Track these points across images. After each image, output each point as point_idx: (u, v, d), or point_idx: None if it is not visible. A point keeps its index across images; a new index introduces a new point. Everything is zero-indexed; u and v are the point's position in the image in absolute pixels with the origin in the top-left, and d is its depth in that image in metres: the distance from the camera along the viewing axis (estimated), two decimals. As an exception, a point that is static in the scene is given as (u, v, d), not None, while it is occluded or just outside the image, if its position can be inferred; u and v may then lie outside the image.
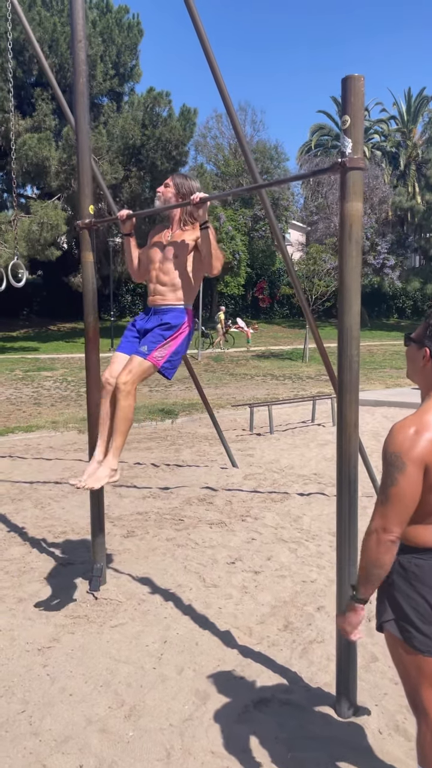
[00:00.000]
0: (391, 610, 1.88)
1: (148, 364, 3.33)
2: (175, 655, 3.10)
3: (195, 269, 3.45)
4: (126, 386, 3.27)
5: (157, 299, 3.47)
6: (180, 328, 3.41)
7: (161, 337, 3.36)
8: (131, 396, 3.29)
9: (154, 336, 3.37)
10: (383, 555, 1.79)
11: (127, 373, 3.30)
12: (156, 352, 3.34)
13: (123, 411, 3.28)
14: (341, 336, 2.47)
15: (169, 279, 3.42)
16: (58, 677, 2.91)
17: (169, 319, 3.40)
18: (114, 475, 3.31)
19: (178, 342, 3.41)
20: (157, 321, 3.42)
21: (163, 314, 3.43)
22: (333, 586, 3.89)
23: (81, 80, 3.57)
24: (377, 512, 1.79)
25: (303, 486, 6.32)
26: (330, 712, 2.63)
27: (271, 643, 3.23)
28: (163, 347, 3.35)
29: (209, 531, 4.96)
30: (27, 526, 5.11)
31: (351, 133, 2.37)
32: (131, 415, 3.33)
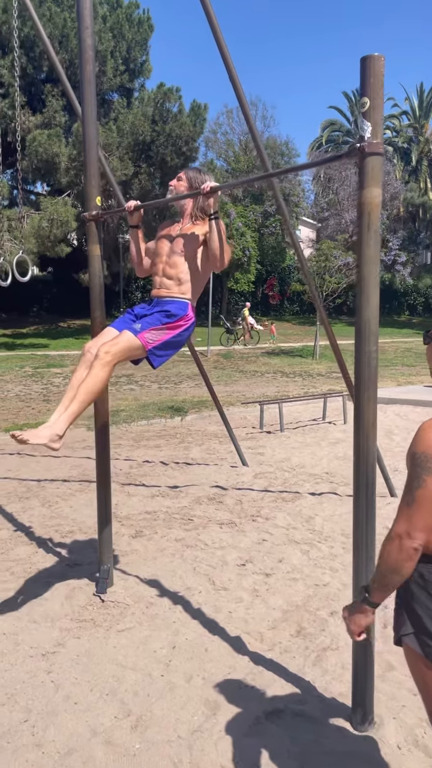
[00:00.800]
0: (411, 623, 1.76)
1: (138, 342, 3.11)
2: (184, 662, 2.99)
3: (203, 264, 3.33)
4: (107, 356, 3.00)
5: (162, 291, 3.35)
6: (180, 318, 3.26)
7: (159, 321, 3.20)
8: (107, 368, 3.01)
9: (152, 318, 3.21)
10: (404, 562, 1.67)
11: (112, 344, 3.05)
12: (149, 333, 3.14)
13: (92, 380, 2.96)
14: (359, 331, 2.35)
15: (176, 272, 3.30)
16: (63, 684, 2.81)
17: (171, 308, 3.26)
18: (56, 441, 2.90)
19: (174, 332, 3.24)
20: (158, 309, 3.29)
21: (165, 304, 3.30)
22: (347, 590, 3.78)
23: (88, 67, 3.46)
24: (402, 516, 1.66)
25: (314, 485, 6.19)
26: (345, 725, 2.51)
27: (284, 649, 3.11)
28: (158, 331, 3.18)
29: (219, 531, 4.85)
30: (34, 525, 5.03)
31: (370, 116, 2.25)
32: (99, 388, 3.02)
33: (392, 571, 1.69)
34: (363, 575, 2.44)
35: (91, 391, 2.99)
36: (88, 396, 2.99)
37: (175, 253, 3.31)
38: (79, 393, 2.99)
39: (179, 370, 16.25)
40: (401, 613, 1.78)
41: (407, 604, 1.75)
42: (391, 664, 2.94)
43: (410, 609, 1.75)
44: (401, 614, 1.78)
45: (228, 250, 3.25)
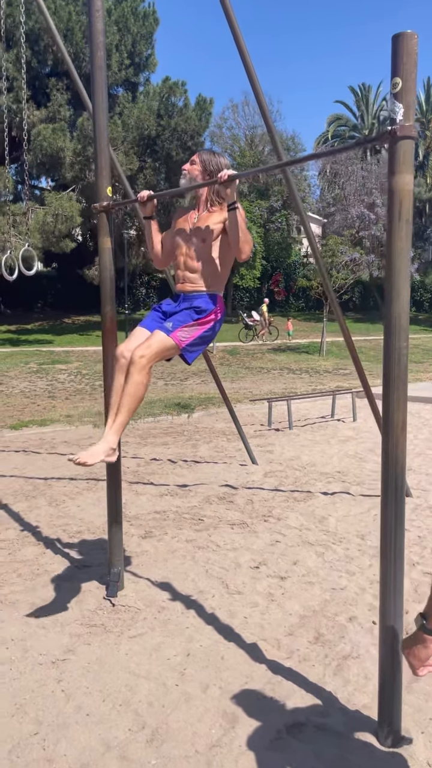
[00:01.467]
0: None
1: (171, 342, 3.04)
2: (199, 671, 2.88)
3: (224, 254, 3.20)
4: (142, 360, 2.96)
5: (187, 286, 3.22)
6: (210, 313, 3.16)
7: (189, 317, 3.11)
8: (145, 372, 2.97)
9: (182, 315, 3.11)
10: None
11: (146, 347, 2.99)
12: (180, 332, 3.06)
13: (133, 387, 2.95)
14: (389, 326, 2.22)
15: (198, 265, 3.17)
16: (74, 694, 2.69)
17: (200, 303, 3.15)
18: (112, 454, 2.96)
19: (206, 327, 3.15)
20: (186, 305, 3.17)
21: (193, 300, 3.18)
22: (365, 594, 3.66)
23: (99, 53, 3.33)
24: None
25: (326, 485, 6.07)
26: (371, 740, 2.39)
27: (302, 657, 2.99)
28: (189, 328, 3.08)
29: (231, 532, 4.74)
30: (41, 525, 4.92)
31: (402, 97, 2.11)
32: (142, 392, 3.00)
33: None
34: (391, 583, 2.32)
35: (134, 397, 2.99)
36: (133, 402, 2.99)
37: (195, 245, 3.19)
38: (123, 402, 2.99)
39: (185, 366, 16.12)
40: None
41: None
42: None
43: None
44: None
45: (249, 239, 3.10)
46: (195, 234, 3.18)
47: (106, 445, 2.95)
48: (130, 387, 2.96)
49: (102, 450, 2.92)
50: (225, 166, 3.18)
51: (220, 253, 3.19)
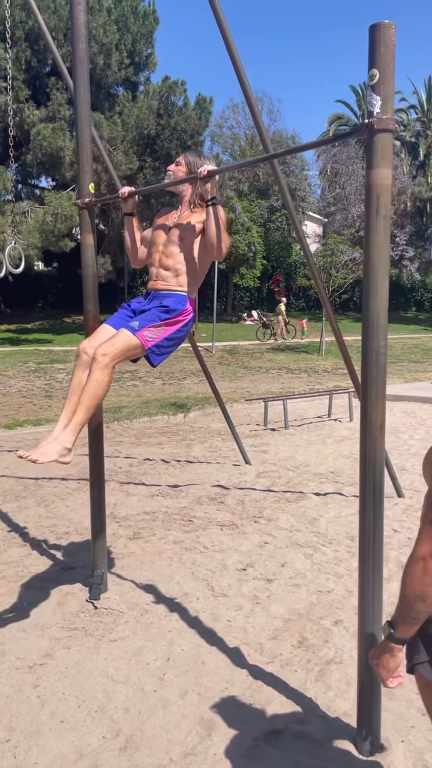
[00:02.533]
0: (426, 651, 1.58)
1: (136, 341, 2.94)
2: (179, 676, 2.82)
3: (201, 254, 3.14)
4: (105, 358, 2.85)
5: (159, 284, 3.16)
6: (179, 314, 3.08)
7: (157, 317, 3.02)
8: (107, 371, 2.86)
9: (150, 315, 3.03)
10: (430, 587, 1.47)
11: (110, 345, 2.89)
12: (147, 331, 2.97)
13: (94, 385, 2.82)
14: (366, 325, 2.16)
15: (173, 263, 3.11)
16: (49, 700, 2.64)
17: (169, 303, 3.08)
18: (66, 455, 2.81)
19: (174, 328, 3.06)
20: (156, 303, 3.11)
21: (162, 298, 3.12)
22: (351, 597, 3.60)
23: (80, 46, 3.27)
24: (426, 536, 1.47)
25: (319, 485, 6.01)
26: (350, 748, 2.33)
27: (285, 662, 2.94)
28: (156, 328, 2.99)
29: (220, 533, 4.68)
30: (29, 526, 4.87)
31: (380, 89, 2.06)
32: (102, 392, 2.87)
33: (417, 599, 1.49)
34: (370, 585, 2.27)
35: (94, 396, 2.86)
36: (93, 401, 2.86)
37: (172, 243, 3.12)
38: (82, 400, 2.86)
39: (183, 366, 16.08)
40: (416, 638, 1.60)
41: (422, 629, 1.57)
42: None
43: (425, 635, 1.57)
44: (416, 640, 1.60)
45: (226, 239, 3.05)
46: (173, 232, 3.12)
47: (60, 445, 2.81)
48: (91, 385, 2.84)
49: (55, 450, 2.78)
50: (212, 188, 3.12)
51: (197, 253, 3.12)
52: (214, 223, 2.92)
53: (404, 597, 1.52)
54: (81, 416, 2.84)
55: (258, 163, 3.19)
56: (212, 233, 2.95)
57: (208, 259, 3.17)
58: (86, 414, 2.85)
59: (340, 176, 31.76)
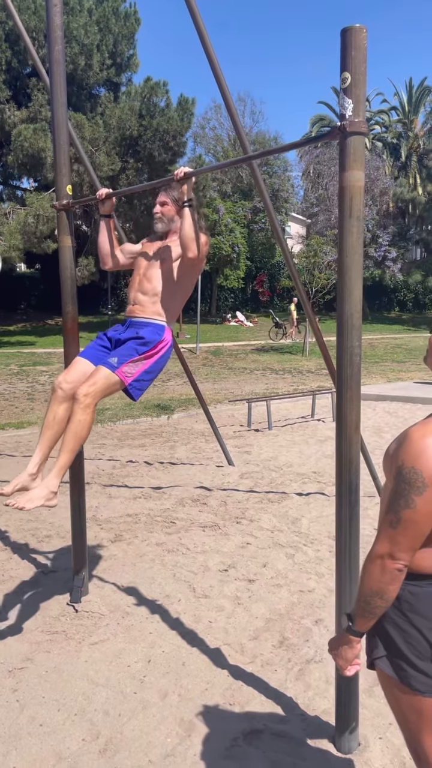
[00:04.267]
0: (383, 646, 1.60)
1: (116, 378, 2.93)
2: (159, 678, 2.82)
3: (181, 278, 3.10)
4: (86, 398, 2.83)
5: (136, 310, 3.11)
6: (156, 345, 3.04)
7: (135, 351, 2.99)
8: (90, 410, 2.85)
9: (127, 349, 3.00)
10: (387, 585, 1.50)
11: (90, 384, 2.87)
12: (126, 367, 2.95)
13: (78, 426, 2.80)
14: (341, 325, 2.18)
15: (152, 287, 3.06)
16: (28, 704, 2.63)
17: (146, 334, 3.03)
18: (52, 498, 2.80)
19: (152, 361, 3.04)
20: (132, 333, 3.05)
21: (139, 328, 3.07)
22: (332, 596, 3.62)
23: (56, 47, 3.27)
24: (384, 536, 1.49)
25: (301, 485, 6.04)
26: (329, 747, 2.35)
27: (265, 662, 2.95)
28: (134, 363, 2.97)
29: (202, 534, 4.68)
30: (9, 530, 4.84)
31: (351, 92, 2.07)
32: (86, 432, 2.87)
33: (375, 594, 1.52)
34: (346, 583, 2.28)
35: (79, 437, 2.84)
36: (77, 442, 2.84)
37: (153, 266, 3.08)
38: (66, 441, 2.83)
39: (167, 367, 16.00)
40: (373, 635, 1.62)
41: (379, 625, 1.59)
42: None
43: (382, 630, 1.59)
44: (373, 636, 1.62)
45: (204, 241, 3.02)
46: (155, 256, 3.09)
47: (46, 489, 2.79)
48: (75, 427, 2.81)
49: (41, 495, 2.77)
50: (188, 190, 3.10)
51: (178, 275, 3.07)
52: (188, 223, 2.90)
53: (362, 593, 1.55)
54: (65, 458, 2.83)
55: (239, 164, 3.20)
56: (185, 233, 2.90)
57: (189, 284, 3.14)
58: (70, 456, 2.84)
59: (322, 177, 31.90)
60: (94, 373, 2.92)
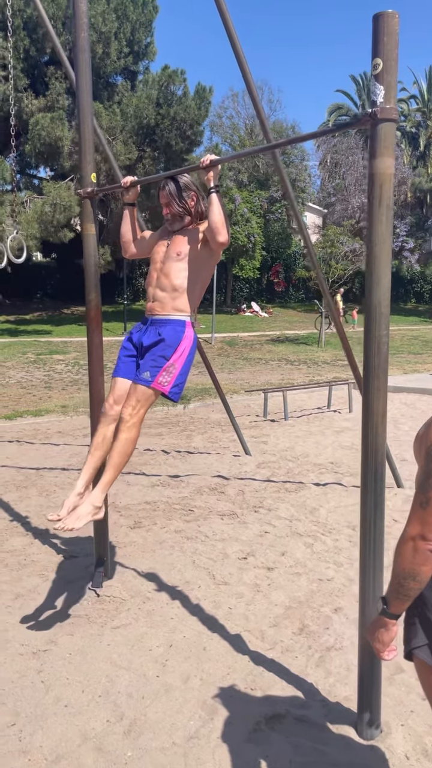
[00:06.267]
0: (424, 634, 1.60)
1: (154, 391, 2.98)
2: (181, 662, 2.86)
3: (200, 268, 3.07)
4: (132, 418, 2.92)
5: (155, 307, 3.09)
6: (181, 345, 3.04)
7: (163, 359, 3.00)
8: (136, 428, 2.94)
9: (155, 359, 3.00)
10: (420, 566, 1.51)
11: (134, 405, 2.94)
12: (160, 378, 2.98)
13: (123, 444, 2.90)
14: (368, 314, 2.18)
15: (170, 281, 3.04)
16: (53, 685, 2.68)
17: (168, 335, 3.02)
18: (98, 513, 2.90)
19: (183, 361, 3.05)
20: (154, 336, 3.05)
21: (160, 326, 3.06)
22: (352, 585, 3.64)
23: (82, 35, 3.27)
24: (416, 517, 1.50)
25: (319, 475, 6.04)
26: (350, 733, 2.37)
27: (285, 648, 2.97)
28: (167, 371, 2.99)
29: (220, 523, 4.71)
30: (30, 515, 4.89)
31: (383, 78, 2.06)
32: (131, 449, 2.96)
33: (408, 576, 1.53)
34: (371, 573, 2.29)
35: (124, 454, 2.95)
36: (123, 460, 2.95)
37: (170, 259, 3.05)
38: (112, 458, 2.93)
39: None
40: (413, 622, 1.62)
41: (420, 612, 1.60)
42: (399, 666, 2.79)
43: (424, 618, 1.60)
44: (413, 624, 1.62)
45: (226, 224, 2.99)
46: (172, 246, 3.06)
47: (91, 505, 2.88)
48: (121, 445, 2.91)
49: (87, 511, 2.86)
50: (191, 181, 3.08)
51: (196, 266, 3.05)
52: (217, 208, 2.87)
53: (396, 575, 1.56)
54: (111, 475, 2.93)
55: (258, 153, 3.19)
56: (216, 218, 2.86)
57: (207, 275, 3.13)
58: (116, 472, 2.94)
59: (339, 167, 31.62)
60: (132, 393, 2.99)
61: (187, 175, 3.07)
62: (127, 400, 2.99)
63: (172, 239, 3.08)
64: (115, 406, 3.11)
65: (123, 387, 3.12)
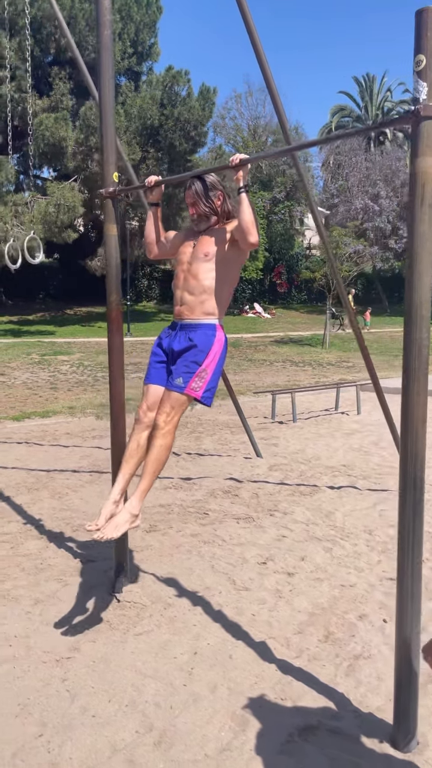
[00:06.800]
0: None
1: (188, 397, 2.95)
2: (207, 670, 2.80)
3: (229, 267, 3.02)
4: (167, 425, 2.91)
5: (184, 312, 3.04)
6: (212, 349, 3.00)
7: (195, 364, 2.96)
8: (171, 435, 2.94)
9: (187, 365, 2.96)
10: None
11: (168, 412, 2.92)
12: (193, 383, 2.94)
13: (158, 451, 2.91)
14: (409, 316, 2.13)
15: (198, 283, 2.98)
16: (79, 694, 2.62)
17: (199, 340, 2.98)
18: (135, 520, 2.92)
19: (214, 365, 3.00)
20: (185, 342, 3.00)
21: (190, 331, 3.01)
22: (374, 591, 3.59)
23: (105, 32, 3.22)
24: None
25: (332, 478, 5.99)
26: (386, 745, 2.31)
27: (312, 656, 2.92)
28: (199, 377, 2.95)
29: (236, 526, 4.66)
30: (44, 518, 4.84)
31: (426, 75, 2.01)
32: (166, 456, 2.95)
33: None
34: (408, 584, 2.24)
35: (160, 461, 2.95)
36: (159, 467, 2.96)
37: (198, 260, 2.99)
38: (148, 465, 2.94)
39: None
40: None
41: None
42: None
43: None
44: None
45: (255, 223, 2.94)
46: (200, 247, 3.00)
47: (128, 513, 2.89)
48: (156, 452, 2.91)
49: (125, 520, 2.88)
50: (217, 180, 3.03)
51: (225, 266, 3.00)
52: (247, 208, 2.82)
53: None
54: (147, 482, 2.93)
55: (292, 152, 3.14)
56: (246, 218, 2.81)
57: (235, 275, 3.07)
58: (152, 479, 2.94)
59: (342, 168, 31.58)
60: (165, 400, 2.96)
61: (213, 175, 3.02)
62: (161, 407, 2.96)
63: (199, 240, 3.03)
64: (149, 413, 3.08)
65: (156, 393, 3.09)
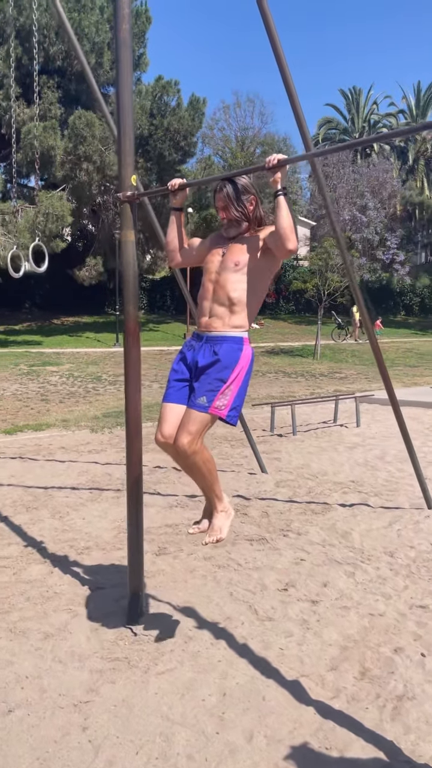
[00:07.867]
0: None
1: (211, 416, 2.78)
2: (240, 715, 2.57)
3: (258, 279, 2.84)
4: (191, 447, 2.75)
5: (213, 323, 2.85)
6: (238, 365, 2.81)
7: (219, 382, 2.77)
8: (201, 452, 2.79)
9: (211, 383, 2.77)
10: None
11: (187, 433, 2.74)
12: (217, 402, 2.76)
13: (199, 469, 2.83)
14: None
15: (227, 294, 2.80)
16: (103, 745, 2.38)
17: (224, 356, 2.79)
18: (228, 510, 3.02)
19: (239, 382, 2.82)
20: (210, 356, 2.81)
21: (215, 344, 2.83)
22: (406, 621, 3.38)
23: (123, 26, 3.02)
24: None
25: (343, 495, 5.79)
26: (449, 802, 2.10)
27: (351, 697, 2.70)
28: (224, 395, 2.77)
29: (251, 549, 4.43)
30: (45, 540, 4.58)
31: None
32: (208, 466, 2.85)
33: None
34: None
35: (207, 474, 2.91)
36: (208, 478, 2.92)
37: (228, 269, 2.81)
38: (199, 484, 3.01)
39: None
40: None
41: None
42: None
43: None
44: None
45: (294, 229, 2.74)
46: (230, 255, 2.83)
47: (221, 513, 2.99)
48: (198, 470, 2.86)
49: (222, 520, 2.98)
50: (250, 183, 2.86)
51: (257, 274, 2.83)
52: (285, 212, 2.62)
53: None
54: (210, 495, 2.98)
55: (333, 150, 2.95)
56: (284, 223, 2.63)
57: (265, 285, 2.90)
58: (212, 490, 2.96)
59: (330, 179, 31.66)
60: (188, 420, 2.78)
61: (246, 177, 2.83)
62: (183, 427, 2.77)
63: (229, 248, 2.83)
64: (170, 440, 2.89)
65: (176, 413, 2.89)
